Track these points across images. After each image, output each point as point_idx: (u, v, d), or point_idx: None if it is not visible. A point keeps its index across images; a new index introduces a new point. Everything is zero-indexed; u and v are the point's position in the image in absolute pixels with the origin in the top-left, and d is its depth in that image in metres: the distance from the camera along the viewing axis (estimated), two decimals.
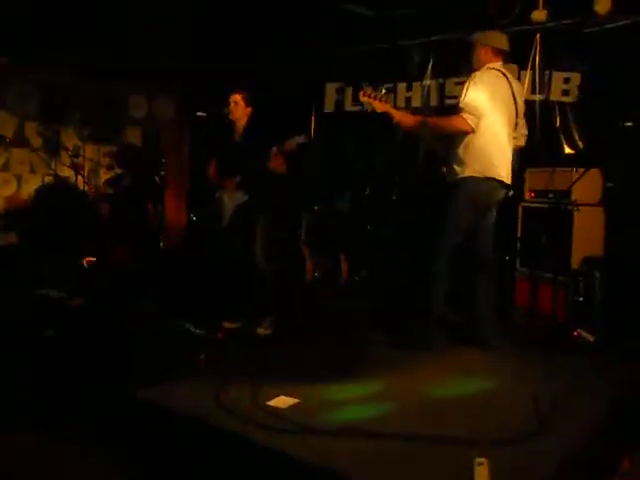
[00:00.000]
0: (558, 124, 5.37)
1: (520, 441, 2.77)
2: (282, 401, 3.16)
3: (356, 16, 6.24)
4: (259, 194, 4.60)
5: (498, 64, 4.02)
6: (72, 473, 2.76)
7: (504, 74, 4.00)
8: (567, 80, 5.36)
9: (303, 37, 6.55)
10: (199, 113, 4.97)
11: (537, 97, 5.42)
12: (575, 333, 4.39)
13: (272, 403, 3.14)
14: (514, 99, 4.04)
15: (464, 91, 3.90)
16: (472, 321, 4.21)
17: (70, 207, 6.52)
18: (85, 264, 5.67)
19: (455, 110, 3.97)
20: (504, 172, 4.00)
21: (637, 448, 2.34)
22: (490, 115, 3.89)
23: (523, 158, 4.57)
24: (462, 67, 5.76)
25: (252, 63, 6.53)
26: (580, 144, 5.26)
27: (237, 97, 4.71)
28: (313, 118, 7.16)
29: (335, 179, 6.54)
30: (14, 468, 2.75)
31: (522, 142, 4.27)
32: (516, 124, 4.11)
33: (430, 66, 6.23)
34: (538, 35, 5.44)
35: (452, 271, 4.02)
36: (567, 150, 5.31)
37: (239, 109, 4.70)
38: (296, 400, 3.18)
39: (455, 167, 4.00)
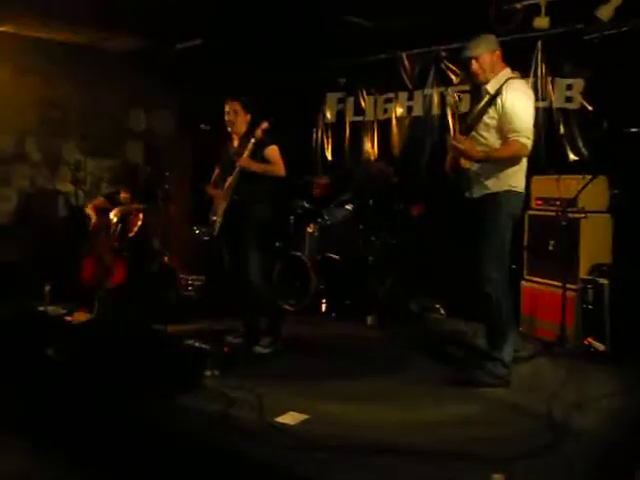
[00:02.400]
0: (562, 131, 5.33)
1: (535, 454, 2.72)
2: (291, 417, 3.10)
3: (356, 27, 6.19)
4: (243, 207, 4.36)
5: (509, 71, 3.80)
6: None
7: None
8: (570, 87, 5.33)
9: (304, 48, 6.51)
10: (202, 126, 4.88)
11: (540, 104, 5.36)
12: (586, 342, 4.34)
13: (281, 419, 3.08)
14: None
15: (509, 109, 3.58)
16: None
17: (68, 222, 6.50)
18: (86, 281, 5.63)
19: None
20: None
21: None
22: None
23: (529, 166, 4.50)
24: (463, 76, 5.77)
25: (253, 73, 6.49)
26: (585, 151, 5.22)
27: (235, 104, 4.45)
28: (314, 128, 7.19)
29: (340, 190, 6.49)
30: None
31: None
32: None
33: (431, 75, 6.21)
34: (540, 42, 5.42)
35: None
36: (572, 157, 5.26)
37: (239, 117, 4.44)
38: (305, 416, 3.12)
39: (486, 182, 3.75)
